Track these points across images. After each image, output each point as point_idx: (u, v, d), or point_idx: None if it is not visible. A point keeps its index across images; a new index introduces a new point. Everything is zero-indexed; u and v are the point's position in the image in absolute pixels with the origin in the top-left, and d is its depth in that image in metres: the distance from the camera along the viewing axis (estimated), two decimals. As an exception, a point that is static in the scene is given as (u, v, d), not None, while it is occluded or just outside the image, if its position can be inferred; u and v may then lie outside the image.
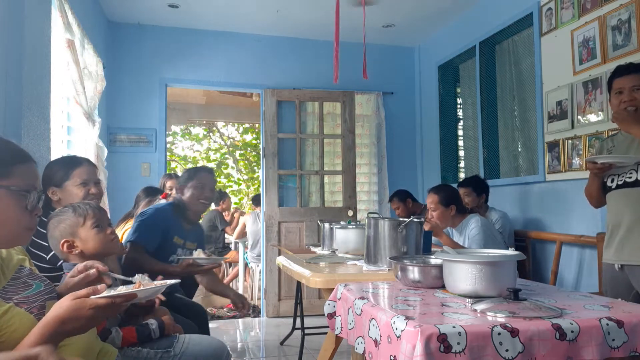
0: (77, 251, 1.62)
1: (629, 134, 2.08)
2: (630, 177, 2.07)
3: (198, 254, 2.44)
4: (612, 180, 2.15)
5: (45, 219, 1.77)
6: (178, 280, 1.33)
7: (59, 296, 1.22)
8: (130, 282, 1.28)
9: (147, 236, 2.44)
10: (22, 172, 1.11)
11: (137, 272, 1.35)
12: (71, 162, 2.03)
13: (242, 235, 6.18)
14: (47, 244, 1.70)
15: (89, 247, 1.63)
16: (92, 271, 1.31)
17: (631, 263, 2.06)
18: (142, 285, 1.21)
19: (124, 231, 2.94)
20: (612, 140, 2.24)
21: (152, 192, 3.27)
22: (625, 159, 2.05)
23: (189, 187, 2.59)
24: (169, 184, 3.90)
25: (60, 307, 1.02)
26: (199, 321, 2.41)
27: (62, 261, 1.68)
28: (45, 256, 1.71)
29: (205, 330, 2.47)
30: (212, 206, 6.63)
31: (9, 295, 1.11)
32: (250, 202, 10.12)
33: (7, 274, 1.17)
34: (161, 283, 1.24)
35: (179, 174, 4.37)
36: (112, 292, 1.10)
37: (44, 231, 1.73)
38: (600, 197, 2.24)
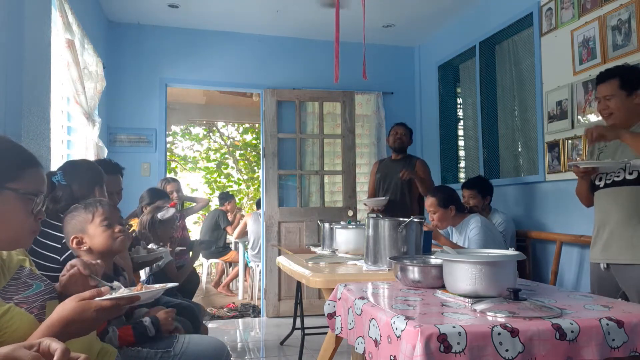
0: (85, 247, 1.64)
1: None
2: (618, 176, 2.09)
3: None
4: (600, 179, 2.17)
5: (56, 223, 1.78)
6: (177, 284, 1.36)
7: (59, 295, 1.23)
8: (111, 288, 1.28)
9: None
10: (30, 176, 1.11)
11: None
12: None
13: (243, 234, 6.18)
14: (60, 246, 1.71)
15: (95, 244, 1.64)
16: (73, 270, 1.30)
17: (617, 262, 2.06)
18: (145, 287, 1.22)
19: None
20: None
21: (156, 195, 3.25)
22: (607, 164, 2.08)
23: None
24: (168, 188, 3.89)
25: (64, 309, 1.03)
26: (193, 321, 2.42)
27: None
28: (59, 258, 1.71)
29: (199, 330, 2.48)
30: (217, 205, 6.64)
31: (9, 295, 1.11)
32: (251, 202, 10.14)
33: (7, 274, 1.17)
34: (161, 286, 1.25)
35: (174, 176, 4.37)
36: (116, 294, 1.10)
37: (56, 234, 1.74)
38: (589, 196, 2.26)
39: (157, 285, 1.27)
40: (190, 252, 3.42)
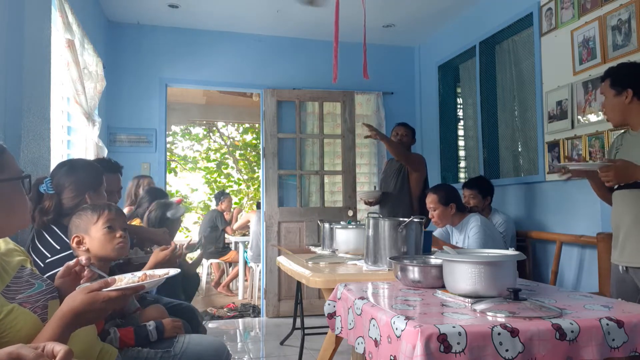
0: (84, 248, 1.63)
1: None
2: None
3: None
4: None
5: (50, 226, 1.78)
6: (179, 270, 1.33)
7: (59, 293, 1.24)
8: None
9: None
10: (6, 162, 1.12)
11: None
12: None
13: (244, 228, 6.18)
14: (45, 250, 1.71)
15: (94, 246, 1.64)
16: (72, 262, 1.30)
17: (633, 265, 2.05)
18: (148, 276, 1.23)
19: None
20: (622, 138, 2.23)
21: (157, 195, 3.21)
22: (590, 166, 2.08)
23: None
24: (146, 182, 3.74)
25: (74, 301, 1.06)
26: (192, 323, 2.41)
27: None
28: (41, 263, 1.70)
29: (199, 331, 2.48)
30: (213, 206, 6.64)
31: (12, 294, 1.12)
32: (251, 202, 10.14)
33: (8, 274, 1.17)
34: (164, 272, 1.25)
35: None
36: (121, 285, 1.13)
37: (47, 237, 1.74)
38: (605, 197, 2.23)
39: (160, 272, 1.26)
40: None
